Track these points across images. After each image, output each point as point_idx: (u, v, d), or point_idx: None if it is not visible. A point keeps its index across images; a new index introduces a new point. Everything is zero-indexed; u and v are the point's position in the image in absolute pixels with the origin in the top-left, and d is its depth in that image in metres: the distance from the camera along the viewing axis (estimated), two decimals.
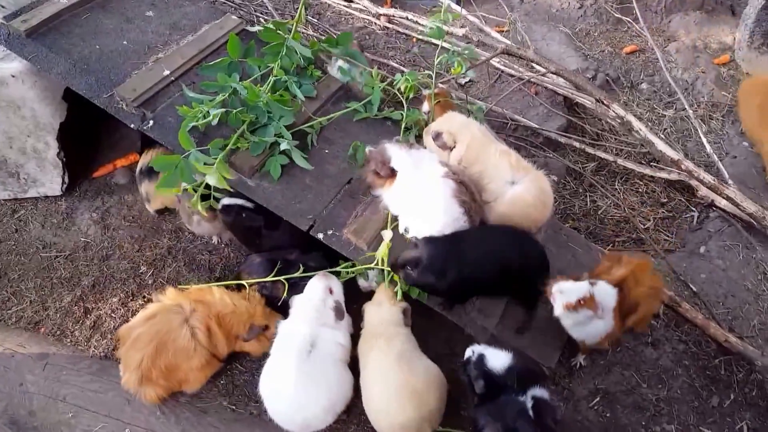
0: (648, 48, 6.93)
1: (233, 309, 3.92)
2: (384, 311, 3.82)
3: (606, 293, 3.60)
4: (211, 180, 3.81)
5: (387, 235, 3.99)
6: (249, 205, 4.33)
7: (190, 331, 3.80)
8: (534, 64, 6.14)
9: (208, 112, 4.04)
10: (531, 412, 3.20)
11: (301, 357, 3.54)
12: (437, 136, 4.20)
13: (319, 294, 3.83)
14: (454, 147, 4.19)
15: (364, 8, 7.09)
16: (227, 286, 4.14)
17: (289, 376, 3.50)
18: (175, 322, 3.79)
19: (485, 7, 7.30)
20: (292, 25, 4.57)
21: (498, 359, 3.42)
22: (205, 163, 3.81)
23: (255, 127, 4.21)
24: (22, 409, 4.07)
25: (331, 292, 3.89)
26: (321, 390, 3.59)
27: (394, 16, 6.84)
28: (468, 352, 3.55)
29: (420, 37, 6.60)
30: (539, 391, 3.32)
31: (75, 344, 4.40)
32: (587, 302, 3.52)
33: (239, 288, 4.16)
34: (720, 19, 7.18)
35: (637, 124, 4.91)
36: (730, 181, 5.12)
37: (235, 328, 3.96)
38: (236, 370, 4.19)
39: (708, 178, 4.74)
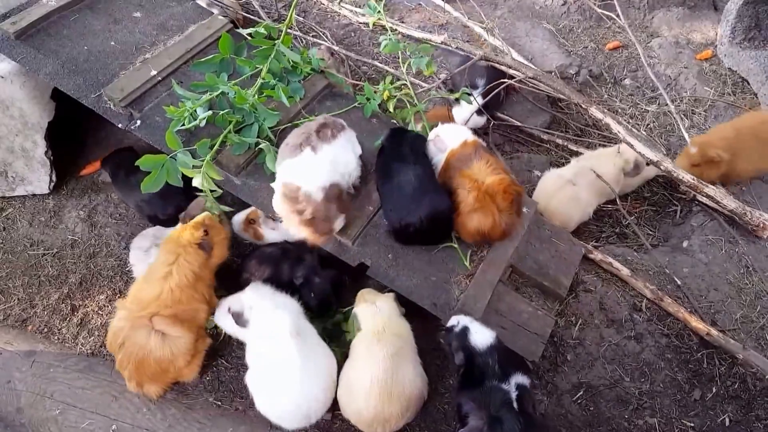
0: (631, 44, 6.97)
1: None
2: (381, 304, 3.85)
3: (446, 135, 4.37)
4: (197, 182, 3.85)
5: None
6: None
7: (159, 337, 3.75)
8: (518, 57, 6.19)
9: (195, 112, 4.07)
10: (515, 403, 3.24)
11: (298, 345, 3.57)
12: None
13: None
14: None
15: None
16: None
17: (294, 369, 3.54)
18: (141, 338, 3.73)
19: (470, 2, 7.31)
20: (282, 28, 4.57)
21: (481, 336, 3.47)
22: (193, 166, 3.84)
23: (241, 126, 4.24)
24: (10, 406, 4.10)
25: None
26: (320, 373, 3.67)
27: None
28: (452, 321, 3.59)
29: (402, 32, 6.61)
30: (522, 378, 3.36)
31: (62, 341, 4.41)
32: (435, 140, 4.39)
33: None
34: (702, 15, 7.25)
35: (615, 127, 4.91)
36: None
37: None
38: (222, 367, 4.21)
39: (688, 177, 4.78)
